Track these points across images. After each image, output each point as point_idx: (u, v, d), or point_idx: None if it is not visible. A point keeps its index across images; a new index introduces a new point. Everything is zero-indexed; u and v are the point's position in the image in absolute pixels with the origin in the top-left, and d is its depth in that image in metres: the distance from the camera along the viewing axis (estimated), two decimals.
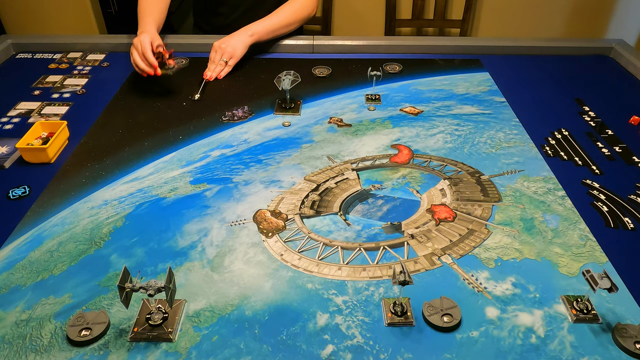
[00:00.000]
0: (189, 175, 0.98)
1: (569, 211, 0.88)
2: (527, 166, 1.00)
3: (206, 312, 0.70)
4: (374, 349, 0.65)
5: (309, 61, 1.42)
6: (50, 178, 0.97)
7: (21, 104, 1.21)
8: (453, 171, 0.99)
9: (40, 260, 0.79)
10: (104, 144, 1.07)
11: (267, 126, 1.14)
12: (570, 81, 1.33)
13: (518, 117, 1.16)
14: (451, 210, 0.89)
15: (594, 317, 0.69)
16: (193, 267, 0.78)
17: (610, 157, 1.03)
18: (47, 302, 0.72)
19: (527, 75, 1.36)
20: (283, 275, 0.76)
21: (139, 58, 1.21)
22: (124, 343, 0.66)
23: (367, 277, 0.76)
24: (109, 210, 0.89)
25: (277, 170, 1.00)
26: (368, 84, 1.29)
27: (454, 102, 1.23)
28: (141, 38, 1.20)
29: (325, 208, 0.90)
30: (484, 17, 2.11)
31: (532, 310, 0.70)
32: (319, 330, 0.68)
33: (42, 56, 1.45)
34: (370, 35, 2.16)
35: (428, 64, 1.41)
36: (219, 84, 1.32)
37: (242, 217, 0.87)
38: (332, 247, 0.81)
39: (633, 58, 1.37)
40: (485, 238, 0.83)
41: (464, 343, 0.66)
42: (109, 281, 0.75)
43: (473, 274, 0.76)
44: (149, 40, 1.20)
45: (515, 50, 1.47)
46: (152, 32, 1.24)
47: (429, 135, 1.10)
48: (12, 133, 1.10)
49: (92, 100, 1.24)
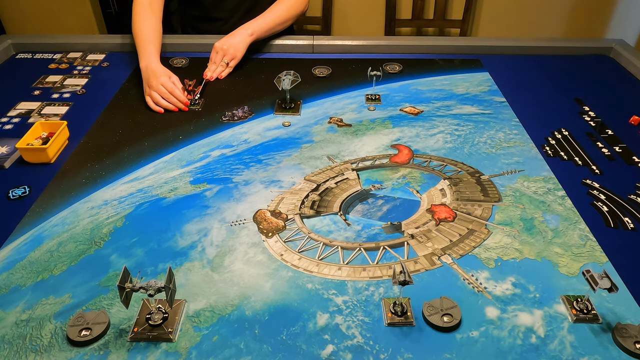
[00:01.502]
0: (189, 175, 0.98)
1: (569, 211, 0.88)
2: (527, 166, 1.00)
3: (206, 312, 0.70)
4: (374, 349, 0.65)
5: (309, 61, 1.42)
6: (50, 178, 0.97)
7: (21, 104, 1.21)
8: (453, 171, 0.99)
9: (40, 260, 0.79)
10: (104, 144, 1.07)
11: (267, 126, 1.14)
12: (570, 81, 1.33)
13: (518, 117, 1.16)
14: (451, 210, 0.89)
15: (594, 317, 0.69)
16: (193, 267, 0.78)
17: (610, 157, 1.03)
18: (47, 302, 0.72)
19: (527, 75, 1.36)
20: (283, 275, 0.76)
21: (161, 98, 1.19)
22: (124, 343, 0.66)
23: (367, 277, 0.76)
24: (109, 210, 0.89)
25: (277, 170, 1.00)
26: (368, 84, 1.29)
27: (454, 102, 1.23)
28: (162, 80, 1.18)
29: (325, 208, 0.90)
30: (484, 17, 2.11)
31: (532, 310, 0.70)
32: (319, 330, 0.68)
33: (42, 56, 1.45)
34: (370, 35, 2.17)
35: (428, 64, 1.41)
36: (219, 84, 1.32)
37: (242, 217, 0.87)
38: (332, 247, 0.81)
39: (633, 58, 1.37)
40: (485, 238, 0.83)
41: (464, 343, 0.66)
42: (109, 281, 0.75)
43: (473, 274, 0.76)
44: (177, 79, 1.21)
45: (515, 50, 1.47)
46: (162, 67, 1.23)
47: (429, 135, 1.10)
48: (12, 133, 1.10)
49: (92, 100, 1.24)
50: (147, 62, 1.23)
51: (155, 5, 1.34)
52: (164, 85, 1.18)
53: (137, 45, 1.29)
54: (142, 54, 1.26)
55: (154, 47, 1.27)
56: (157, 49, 1.28)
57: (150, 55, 1.25)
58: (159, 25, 1.34)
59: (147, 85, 1.21)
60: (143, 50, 1.26)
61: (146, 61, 1.23)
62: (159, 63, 1.24)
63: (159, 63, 1.24)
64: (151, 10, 1.32)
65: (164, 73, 1.21)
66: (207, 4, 1.51)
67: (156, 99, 1.19)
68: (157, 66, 1.23)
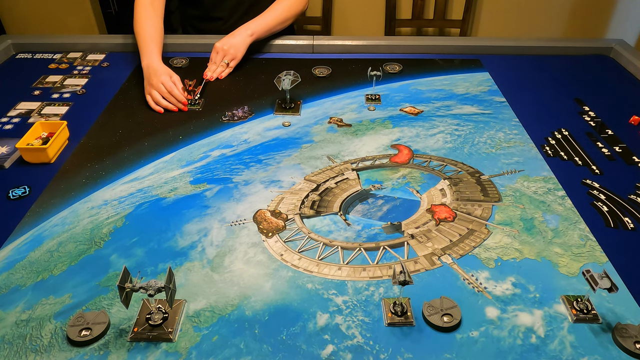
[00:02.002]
0: (189, 175, 0.98)
1: (569, 211, 0.88)
2: (527, 166, 1.00)
3: (206, 312, 0.70)
4: (374, 349, 0.65)
5: (309, 61, 1.42)
6: (50, 178, 0.97)
7: (21, 104, 1.21)
8: (453, 171, 0.99)
9: (40, 261, 0.79)
10: (104, 144, 1.07)
11: (267, 126, 1.14)
12: (570, 81, 1.33)
13: (518, 117, 1.16)
14: (451, 210, 0.89)
15: (594, 317, 0.69)
16: (193, 267, 0.78)
17: (610, 157, 1.03)
18: (47, 302, 0.72)
19: (527, 75, 1.36)
20: (283, 275, 0.76)
21: (161, 97, 1.19)
22: (124, 343, 0.66)
23: (367, 277, 0.76)
24: (109, 210, 0.89)
25: (277, 170, 1.00)
26: (368, 84, 1.29)
27: (454, 102, 1.23)
28: (162, 79, 1.18)
29: (325, 208, 0.90)
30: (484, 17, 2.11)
31: (532, 310, 0.70)
32: (319, 330, 0.68)
33: (42, 56, 1.45)
34: (370, 35, 2.16)
35: (428, 64, 1.41)
36: (219, 84, 1.32)
37: (242, 217, 0.87)
38: (332, 247, 0.81)
39: (633, 58, 1.37)
40: (485, 238, 0.83)
41: (464, 343, 0.66)
42: (109, 281, 0.75)
43: (473, 274, 0.76)
44: (177, 78, 1.21)
45: (515, 50, 1.47)
46: (164, 66, 1.23)
47: (429, 135, 1.10)
48: (12, 133, 1.10)
49: (92, 100, 1.24)
50: (148, 61, 1.23)
51: (157, 4, 1.34)
52: (164, 84, 1.19)
53: (139, 44, 1.29)
54: (144, 53, 1.26)
55: (156, 46, 1.27)
56: (159, 47, 1.29)
57: (152, 53, 1.25)
58: (161, 24, 1.34)
59: (147, 84, 1.21)
60: (145, 49, 1.26)
61: (147, 60, 1.24)
62: (160, 62, 1.24)
63: (160, 62, 1.24)
64: (153, 9, 1.33)
65: (164, 72, 1.21)
66: (207, 3, 1.51)
67: (156, 98, 1.19)
68: (159, 65, 1.23)
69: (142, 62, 1.25)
